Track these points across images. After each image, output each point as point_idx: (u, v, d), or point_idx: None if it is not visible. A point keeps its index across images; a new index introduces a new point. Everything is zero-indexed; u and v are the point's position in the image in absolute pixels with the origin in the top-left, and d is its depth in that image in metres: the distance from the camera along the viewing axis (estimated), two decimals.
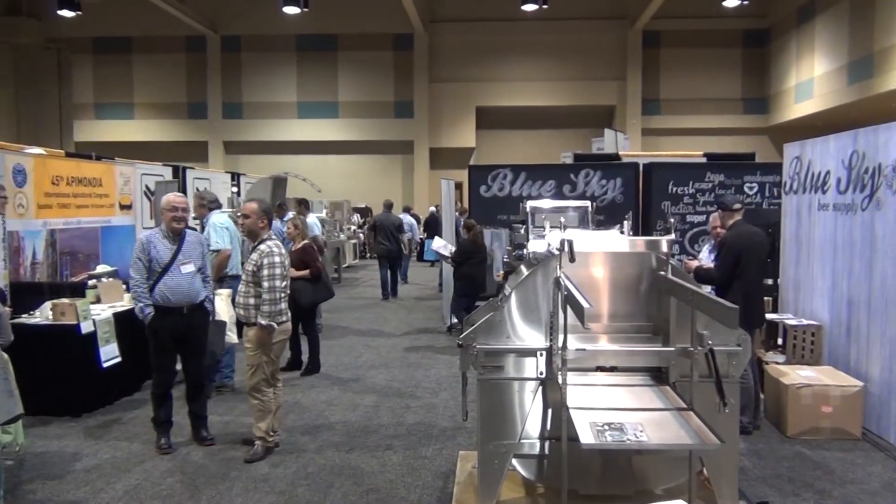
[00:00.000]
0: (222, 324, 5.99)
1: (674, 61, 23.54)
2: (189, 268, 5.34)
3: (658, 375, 3.79)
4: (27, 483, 4.78)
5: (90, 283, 7.11)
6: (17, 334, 5.68)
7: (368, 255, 20.74)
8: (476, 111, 23.89)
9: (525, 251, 6.05)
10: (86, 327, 6.16)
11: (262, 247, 5.19)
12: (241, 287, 5.26)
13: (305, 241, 7.81)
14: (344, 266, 17.10)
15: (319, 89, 24.12)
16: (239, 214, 5.72)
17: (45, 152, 8.38)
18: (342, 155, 24.34)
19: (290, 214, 10.23)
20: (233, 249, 7.21)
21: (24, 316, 6.38)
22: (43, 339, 6.10)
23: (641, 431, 3.08)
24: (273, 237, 5.36)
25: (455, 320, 9.52)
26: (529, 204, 7.18)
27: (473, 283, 8.98)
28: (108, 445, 5.49)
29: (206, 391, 5.76)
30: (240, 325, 5.58)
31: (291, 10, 19.49)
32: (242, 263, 6.54)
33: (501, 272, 8.01)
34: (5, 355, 4.74)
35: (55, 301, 6.27)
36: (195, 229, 6.20)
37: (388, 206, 14.32)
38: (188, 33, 23.37)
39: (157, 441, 5.40)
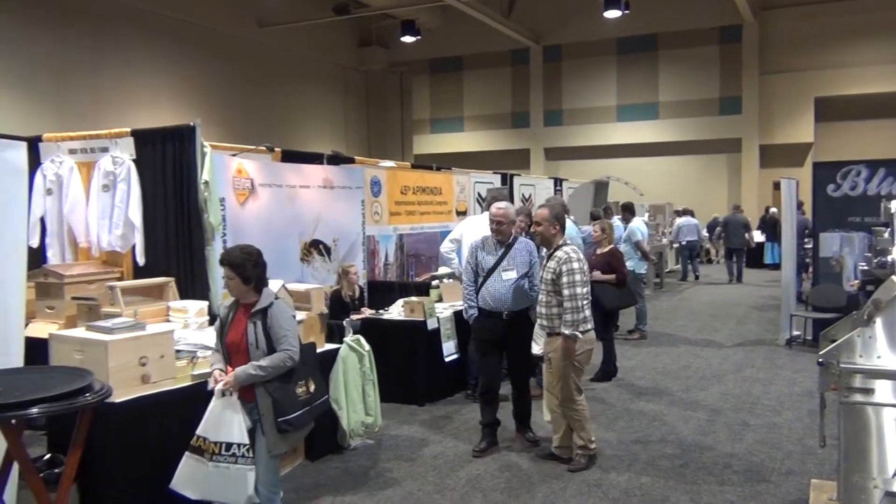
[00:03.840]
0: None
1: None
2: (510, 275, 5.35)
3: None
4: (384, 462, 5.32)
5: (433, 283, 7.74)
6: (373, 329, 6.41)
7: (715, 259, 20.90)
8: (815, 102, 21.63)
9: (890, 258, 5.27)
10: (431, 324, 6.71)
11: (558, 253, 5.01)
12: (542, 296, 5.12)
13: (612, 246, 7.78)
14: (666, 271, 16.60)
15: (639, 91, 23.69)
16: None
17: (395, 165, 9.34)
18: (662, 157, 23.61)
19: (615, 219, 10.20)
20: None
21: (380, 312, 7.14)
22: (395, 333, 6.75)
23: None
24: (569, 243, 5.15)
25: (797, 332, 8.69)
26: (894, 204, 6.24)
27: None
28: (449, 435, 5.90)
29: (529, 393, 5.74)
30: None
31: (612, 13, 19.44)
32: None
33: (857, 281, 7.08)
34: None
35: (406, 299, 6.92)
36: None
37: (735, 207, 17.56)
38: (513, 47, 24.46)
39: (478, 442, 5.49)
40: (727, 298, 13.86)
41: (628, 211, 10.57)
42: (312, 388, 3.87)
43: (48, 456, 4.17)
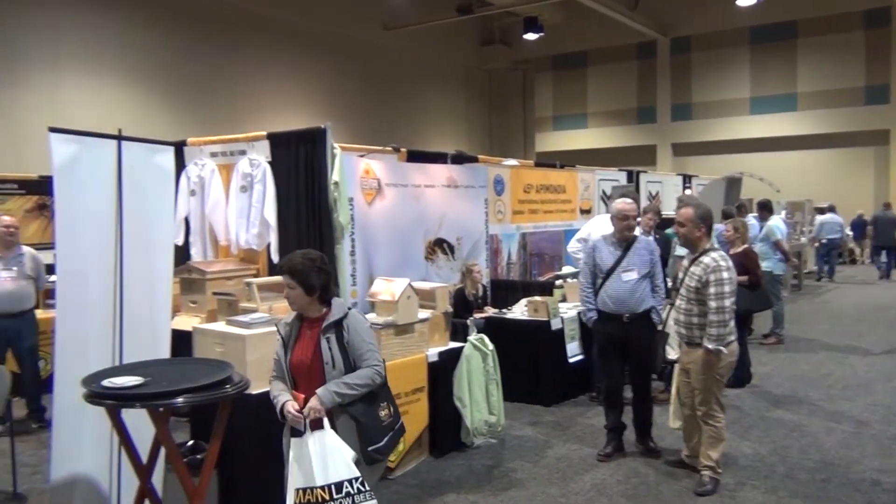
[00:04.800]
0: (664, 335, 5.52)
1: None
2: (630, 275, 5.14)
3: None
4: (508, 462, 5.30)
5: (557, 282, 7.64)
6: (497, 328, 6.41)
7: (860, 258, 20.11)
8: None
9: None
10: (555, 324, 6.63)
11: (705, 259, 4.65)
12: (682, 303, 4.79)
13: (746, 246, 7.40)
14: (805, 272, 15.66)
15: (775, 82, 22.46)
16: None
17: (518, 163, 9.29)
18: (801, 150, 22.28)
19: (750, 217, 9.72)
20: None
21: (503, 311, 7.12)
22: (518, 332, 6.70)
23: None
24: (717, 248, 4.83)
25: None
26: None
27: None
28: (573, 437, 5.80)
29: (651, 400, 5.51)
30: None
31: (746, 1, 18.59)
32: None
33: None
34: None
35: (530, 298, 6.87)
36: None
37: (886, 205, 17.24)
38: (639, 40, 23.84)
39: (603, 447, 5.37)
40: (874, 301, 12.92)
41: (766, 209, 10.03)
42: (392, 409, 3.42)
43: (191, 442, 4.41)
